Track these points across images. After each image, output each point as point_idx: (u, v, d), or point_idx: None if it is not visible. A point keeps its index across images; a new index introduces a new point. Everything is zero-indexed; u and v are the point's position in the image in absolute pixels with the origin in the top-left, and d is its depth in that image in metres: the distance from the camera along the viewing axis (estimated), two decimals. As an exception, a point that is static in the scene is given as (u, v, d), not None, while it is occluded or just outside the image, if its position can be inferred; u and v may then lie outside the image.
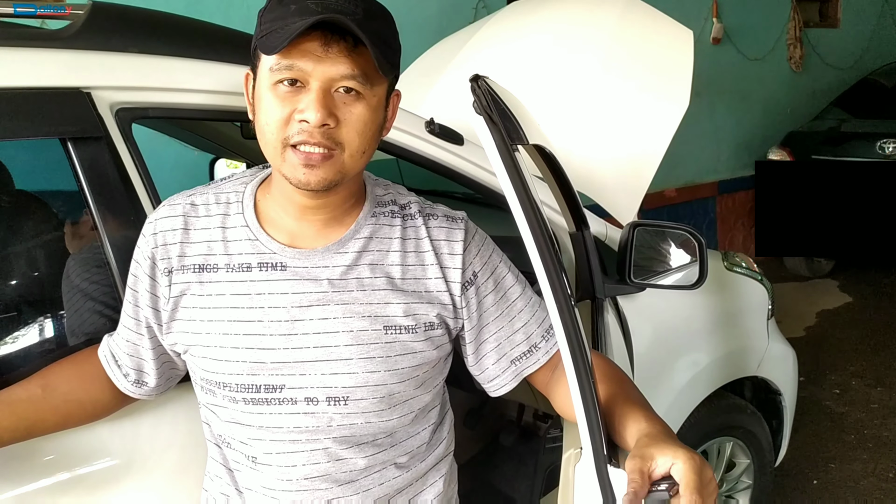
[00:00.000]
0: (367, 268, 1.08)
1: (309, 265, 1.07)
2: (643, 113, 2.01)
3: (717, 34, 5.74)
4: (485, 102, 0.96)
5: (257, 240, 1.07)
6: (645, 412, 1.02)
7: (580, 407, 0.96)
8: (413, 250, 1.11)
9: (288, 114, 0.96)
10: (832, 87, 6.70)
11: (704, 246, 1.76)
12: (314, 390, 1.06)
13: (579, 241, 1.68)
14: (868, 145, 5.16)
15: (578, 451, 1.08)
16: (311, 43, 0.94)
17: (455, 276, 1.11)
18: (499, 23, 2.51)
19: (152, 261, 1.09)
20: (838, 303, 5.28)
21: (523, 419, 2.28)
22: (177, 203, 1.11)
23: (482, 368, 1.19)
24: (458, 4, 4.28)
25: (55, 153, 1.20)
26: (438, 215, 1.15)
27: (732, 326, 2.34)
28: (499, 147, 0.94)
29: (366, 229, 1.10)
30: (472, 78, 0.98)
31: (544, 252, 0.95)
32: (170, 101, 1.30)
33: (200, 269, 1.07)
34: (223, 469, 1.16)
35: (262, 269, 1.06)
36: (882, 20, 7.47)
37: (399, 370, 1.08)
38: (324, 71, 0.95)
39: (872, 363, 4.21)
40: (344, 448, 1.09)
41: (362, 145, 1.00)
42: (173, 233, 1.09)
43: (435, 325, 1.11)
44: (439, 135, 1.58)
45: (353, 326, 1.06)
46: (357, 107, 0.98)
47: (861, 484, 3.06)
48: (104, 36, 1.25)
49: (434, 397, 1.18)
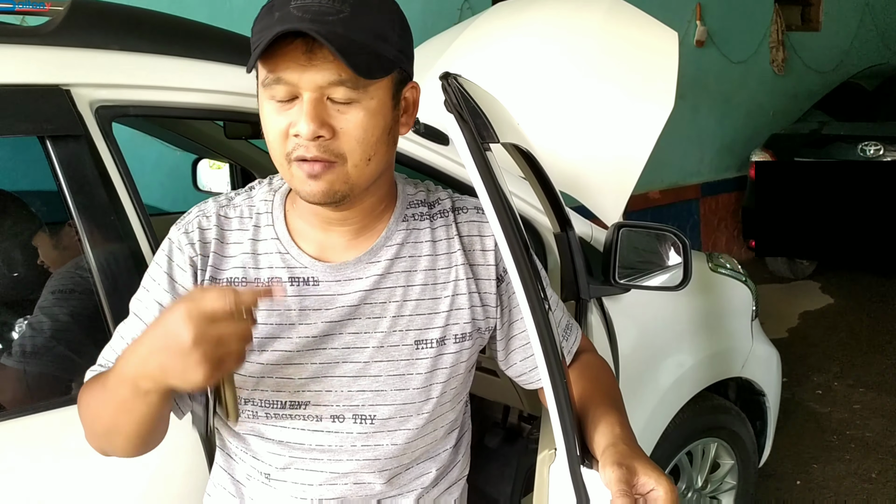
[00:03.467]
0: (399, 276, 1.05)
1: (341, 278, 1.03)
2: (628, 114, 2.01)
3: (700, 37, 5.77)
4: (455, 100, 0.94)
5: (288, 253, 1.03)
6: (619, 417, 1.01)
7: (553, 408, 0.95)
8: (444, 252, 1.08)
9: (285, 127, 0.92)
10: (814, 89, 6.76)
11: (689, 247, 1.76)
12: (341, 408, 1.03)
13: (564, 241, 1.68)
14: (849, 148, 5.20)
15: (553, 452, 1.08)
16: (295, 52, 0.89)
17: (488, 273, 1.09)
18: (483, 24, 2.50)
19: (195, 269, 1.03)
20: (820, 304, 5.32)
21: (508, 421, 2.28)
22: (210, 213, 1.06)
23: (510, 364, 1.17)
24: (442, 5, 4.28)
25: (33, 151, 1.18)
26: (469, 208, 1.11)
27: (717, 327, 2.35)
28: (469, 145, 0.93)
29: (398, 235, 1.06)
30: (442, 76, 0.96)
31: (516, 250, 0.93)
32: (151, 100, 1.28)
33: (232, 283, 1.03)
34: (228, 479, 1.13)
35: (293, 283, 1.02)
36: (863, 24, 7.55)
37: (427, 387, 1.05)
38: (310, 79, 0.89)
39: (854, 364, 4.24)
40: (365, 472, 1.06)
41: (366, 153, 0.94)
42: (210, 244, 1.04)
43: (466, 336, 1.08)
44: (425, 135, 1.57)
45: (383, 342, 1.03)
46: (353, 113, 0.91)
47: (844, 484, 3.08)
48: (84, 33, 1.23)
49: (458, 415, 1.16)
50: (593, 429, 0.99)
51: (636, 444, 0.96)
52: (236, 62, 1.35)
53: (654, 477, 0.87)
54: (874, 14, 7.64)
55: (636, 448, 0.93)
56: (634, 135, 1.98)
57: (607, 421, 0.99)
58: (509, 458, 2.12)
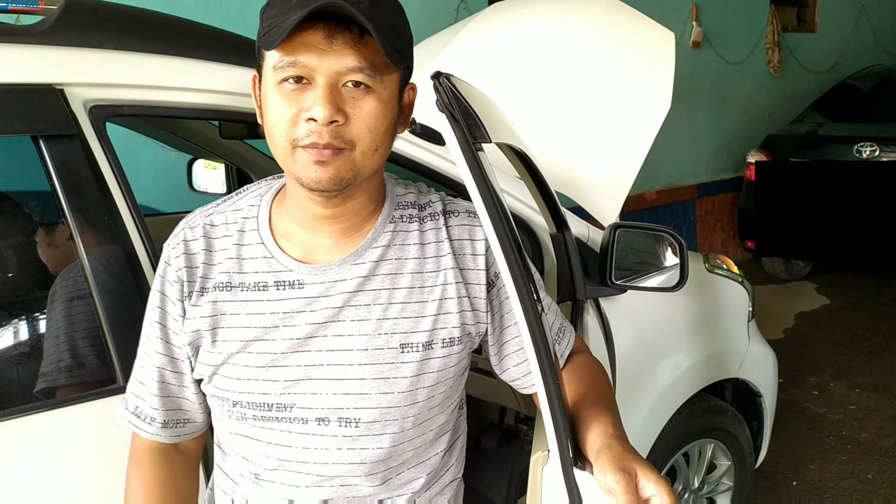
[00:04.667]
0: (384, 278, 1.03)
1: (326, 280, 1.02)
2: (625, 114, 2.01)
3: (696, 38, 5.77)
4: (447, 100, 0.93)
5: (273, 257, 1.03)
6: (612, 417, 1.00)
7: (546, 409, 0.94)
8: (433, 255, 1.06)
9: (295, 113, 0.91)
10: (810, 91, 6.77)
11: (686, 247, 1.76)
12: (325, 411, 1.02)
13: (560, 242, 1.67)
14: (845, 149, 5.20)
15: (546, 454, 1.07)
16: (314, 35, 0.89)
17: (478, 278, 1.07)
18: (480, 24, 2.50)
19: (181, 283, 1.04)
20: (816, 305, 5.33)
21: (505, 422, 2.27)
22: (196, 225, 1.07)
23: (504, 368, 1.16)
24: (439, 5, 4.27)
25: (27, 151, 1.17)
26: (460, 211, 1.10)
27: (714, 328, 2.35)
28: (461, 144, 0.92)
29: (384, 237, 1.05)
30: (433, 75, 0.95)
31: (508, 252, 0.92)
32: (145, 99, 1.28)
33: (222, 288, 1.03)
34: (223, 477, 1.14)
35: (278, 287, 1.02)
36: (858, 25, 7.56)
37: (413, 391, 1.04)
38: (329, 65, 0.90)
39: (850, 365, 4.24)
40: (352, 475, 1.06)
41: (374, 142, 0.94)
42: (197, 255, 1.05)
43: (455, 341, 1.06)
44: (421, 135, 1.56)
45: (367, 345, 1.02)
46: (367, 101, 0.92)
47: (840, 485, 3.08)
48: (78, 32, 1.23)
49: (448, 419, 1.15)
50: (585, 429, 0.98)
51: (629, 444, 0.95)
52: (231, 62, 1.34)
53: (653, 480, 0.87)
54: (870, 15, 7.65)
55: (630, 448, 0.93)
56: (631, 135, 1.98)
57: (600, 421, 0.98)
58: (506, 459, 2.11)
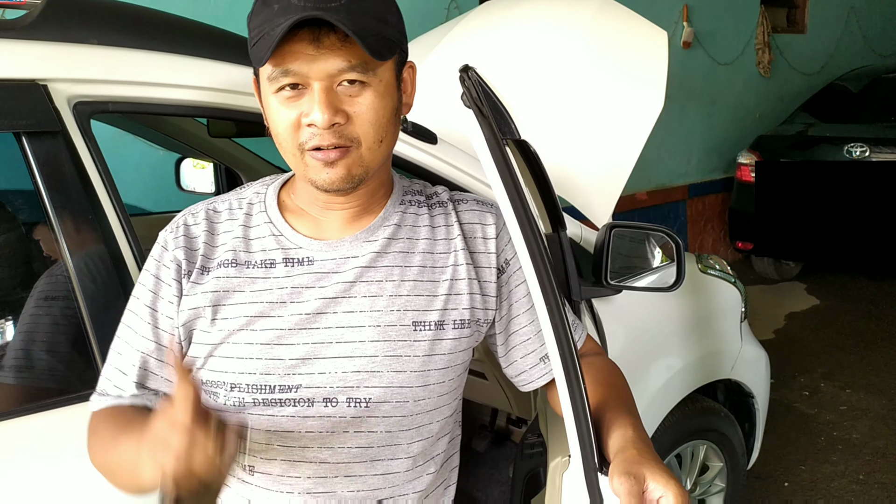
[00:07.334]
0: (396, 256, 1.04)
1: (337, 256, 1.02)
2: (618, 114, 1.99)
3: (687, 38, 5.77)
4: (475, 94, 0.93)
5: (282, 235, 1.03)
6: (631, 419, 0.98)
7: (570, 416, 0.92)
8: (443, 238, 1.08)
9: (296, 118, 0.93)
10: (800, 91, 6.79)
11: (682, 247, 1.74)
12: (334, 390, 0.99)
13: (555, 242, 1.66)
14: (835, 149, 5.22)
15: (566, 459, 1.05)
16: (301, 43, 0.89)
17: (489, 261, 1.09)
18: (471, 23, 2.48)
19: (178, 265, 1.02)
20: (806, 305, 5.34)
21: (496, 424, 2.25)
22: (198, 211, 1.07)
23: (510, 360, 1.16)
24: (429, 4, 4.25)
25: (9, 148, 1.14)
26: (468, 200, 1.13)
27: (706, 329, 2.34)
28: (488, 141, 0.91)
29: (395, 216, 1.07)
30: (462, 69, 0.95)
31: (534, 249, 0.91)
32: (132, 95, 1.25)
33: (227, 265, 1.02)
34: None
35: (287, 264, 1.02)
36: (848, 26, 7.59)
37: (425, 372, 1.03)
38: (320, 69, 0.91)
39: (841, 365, 4.25)
40: (356, 462, 1.02)
41: (378, 134, 0.96)
42: (197, 238, 1.04)
43: (465, 323, 1.06)
44: (412, 133, 1.55)
45: (380, 321, 1.01)
46: (364, 97, 0.93)
47: (832, 486, 3.08)
48: (62, 26, 1.20)
49: (452, 413, 1.13)
50: (607, 434, 0.97)
51: (647, 445, 0.93)
52: (220, 58, 1.32)
53: (662, 482, 0.85)
54: (859, 17, 7.69)
55: (646, 451, 0.91)
56: (624, 134, 1.97)
57: (619, 424, 0.97)
58: (498, 462, 2.10)
